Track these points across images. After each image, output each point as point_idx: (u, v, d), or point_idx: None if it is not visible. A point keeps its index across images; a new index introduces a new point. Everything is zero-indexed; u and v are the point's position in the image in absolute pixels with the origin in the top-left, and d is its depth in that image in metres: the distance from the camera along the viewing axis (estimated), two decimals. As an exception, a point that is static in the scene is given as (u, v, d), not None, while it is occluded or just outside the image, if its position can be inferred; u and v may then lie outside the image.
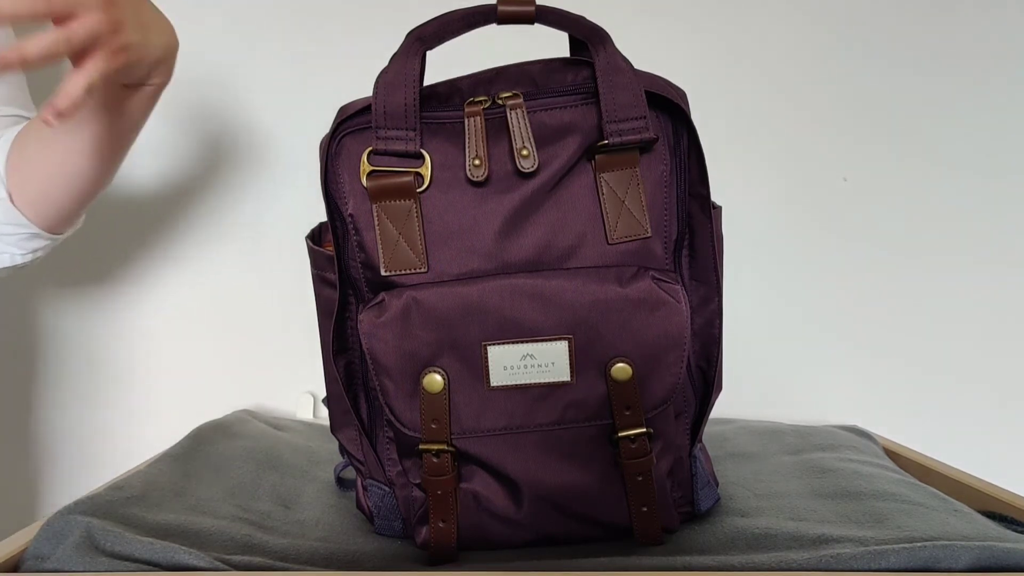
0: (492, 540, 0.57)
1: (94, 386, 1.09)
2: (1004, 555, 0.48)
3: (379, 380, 0.54)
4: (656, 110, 0.55)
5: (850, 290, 1.08)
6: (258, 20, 1.07)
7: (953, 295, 1.08)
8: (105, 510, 0.56)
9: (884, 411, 1.09)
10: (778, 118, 1.08)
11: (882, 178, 1.08)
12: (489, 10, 0.54)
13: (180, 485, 0.67)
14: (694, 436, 0.60)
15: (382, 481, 0.61)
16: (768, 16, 1.07)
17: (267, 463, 0.77)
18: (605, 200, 0.54)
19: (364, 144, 0.54)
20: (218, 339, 1.08)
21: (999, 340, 1.08)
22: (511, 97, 0.54)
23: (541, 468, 0.54)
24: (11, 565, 0.50)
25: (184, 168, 1.08)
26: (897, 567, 0.48)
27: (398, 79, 0.53)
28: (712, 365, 0.59)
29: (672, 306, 0.52)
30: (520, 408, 0.53)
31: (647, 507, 0.56)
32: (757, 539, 0.56)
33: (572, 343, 0.52)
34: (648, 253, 0.55)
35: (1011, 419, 1.08)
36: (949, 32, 1.07)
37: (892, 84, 1.07)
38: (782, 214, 1.08)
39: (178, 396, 1.09)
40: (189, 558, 0.49)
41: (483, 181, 0.53)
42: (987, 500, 0.65)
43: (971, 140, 1.07)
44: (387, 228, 0.54)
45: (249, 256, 1.08)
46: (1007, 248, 1.07)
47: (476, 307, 0.52)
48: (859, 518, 0.59)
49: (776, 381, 1.09)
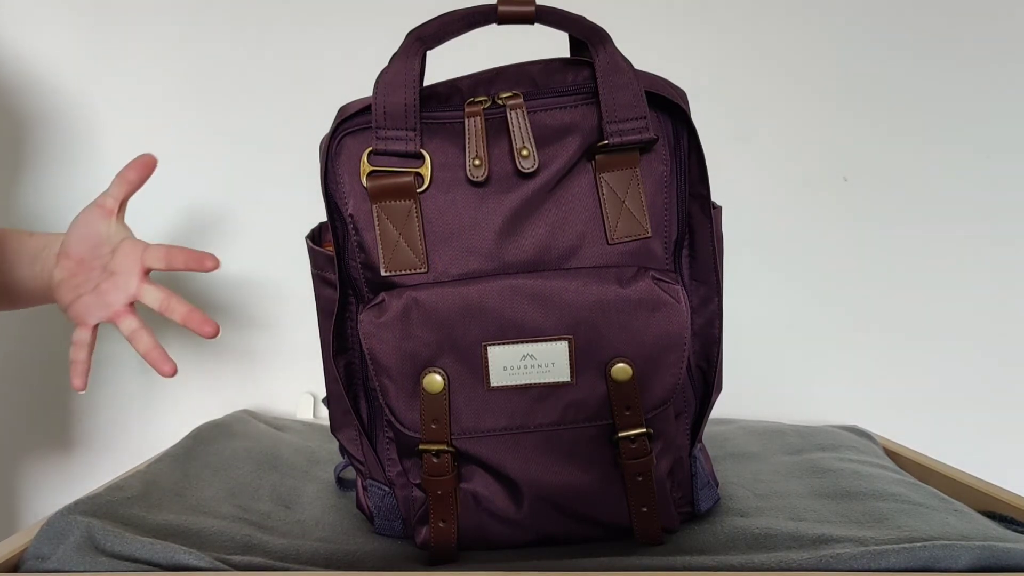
0: (492, 540, 0.57)
1: (94, 386, 1.09)
2: (1004, 555, 0.48)
3: (379, 380, 0.54)
4: (656, 110, 0.55)
5: (850, 290, 1.08)
6: (258, 20, 1.07)
7: (953, 295, 1.08)
8: (105, 510, 0.56)
9: (884, 411, 1.09)
10: (778, 117, 1.08)
11: (882, 178, 1.08)
12: (489, 10, 0.54)
13: (180, 485, 0.67)
14: (694, 436, 0.60)
15: (382, 481, 0.61)
16: (768, 16, 1.07)
17: (267, 463, 0.77)
18: (605, 200, 0.54)
19: (364, 144, 0.54)
20: (218, 339, 1.08)
21: (999, 340, 1.08)
22: (511, 97, 0.54)
23: (541, 468, 0.54)
24: (11, 565, 0.50)
25: (184, 168, 1.08)
26: (897, 567, 0.48)
27: (398, 79, 0.53)
28: (712, 365, 0.59)
29: (672, 306, 0.52)
30: (520, 408, 0.53)
31: (647, 507, 0.56)
32: (757, 539, 0.56)
33: (572, 343, 0.52)
34: (648, 253, 0.55)
35: (1011, 419, 1.08)
36: (950, 31, 1.07)
37: (892, 84, 1.07)
38: (782, 214, 1.08)
39: (178, 396, 1.09)
40: (189, 558, 0.49)
41: (483, 181, 0.53)
42: (987, 500, 0.65)
43: (972, 141, 1.07)
44: (387, 228, 0.54)
45: (249, 256, 1.08)
46: (1008, 248, 1.07)
47: (476, 307, 0.52)
48: (859, 518, 0.59)
49: (776, 381, 1.09)
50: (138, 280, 0.68)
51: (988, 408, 1.08)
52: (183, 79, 1.07)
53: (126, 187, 0.69)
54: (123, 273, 0.67)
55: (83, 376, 0.68)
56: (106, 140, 1.06)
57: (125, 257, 0.68)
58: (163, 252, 0.68)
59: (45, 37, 1.05)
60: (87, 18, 1.06)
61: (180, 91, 1.07)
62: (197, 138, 1.07)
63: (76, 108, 1.06)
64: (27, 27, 1.05)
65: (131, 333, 0.68)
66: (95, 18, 1.06)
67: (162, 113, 1.07)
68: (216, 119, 1.07)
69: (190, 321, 0.67)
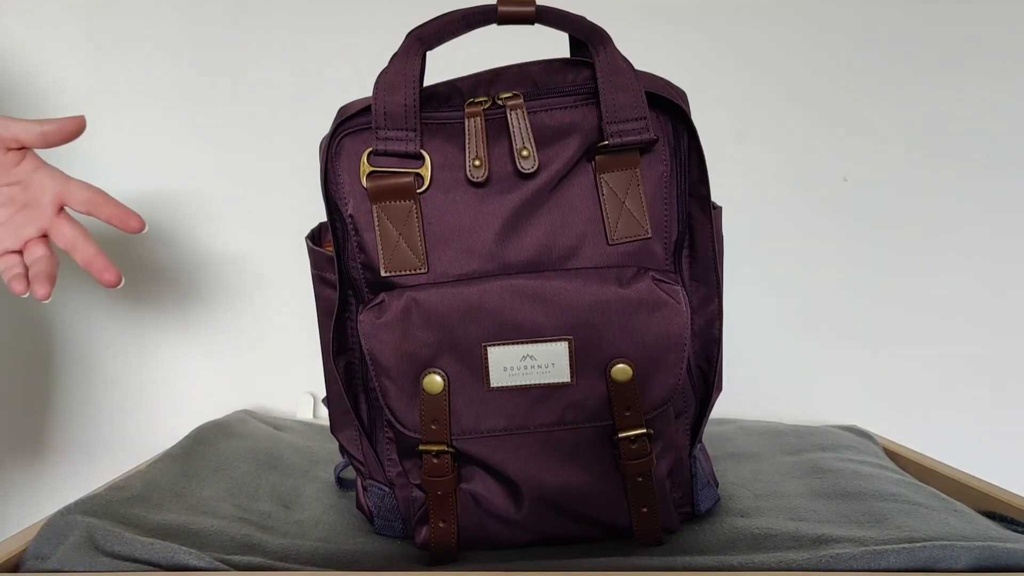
0: (492, 540, 0.57)
1: (94, 386, 1.09)
2: (1004, 555, 0.48)
3: (379, 381, 0.54)
4: (656, 110, 0.55)
5: (850, 290, 1.08)
6: (258, 19, 1.07)
7: (953, 295, 1.08)
8: (105, 510, 0.56)
9: (884, 411, 1.09)
10: (778, 118, 1.08)
11: (882, 178, 1.08)
12: (489, 10, 0.54)
13: (180, 485, 0.67)
14: (694, 436, 0.60)
15: (382, 481, 0.61)
16: (769, 16, 1.07)
17: (267, 463, 0.77)
18: (605, 201, 0.54)
19: (364, 144, 0.54)
20: (218, 339, 1.08)
21: (1000, 340, 1.08)
22: (511, 98, 0.54)
23: (541, 469, 0.54)
24: (11, 565, 0.50)
25: (183, 168, 1.07)
26: (897, 567, 0.48)
27: (398, 79, 0.53)
28: (712, 365, 0.59)
29: (672, 307, 0.52)
30: (520, 409, 0.53)
31: (647, 507, 0.56)
32: (757, 539, 0.56)
33: (572, 344, 0.52)
34: (648, 254, 0.55)
35: (1011, 419, 1.08)
36: (950, 31, 1.07)
37: (893, 84, 1.07)
38: (782, 214, 1.08)
39: (178, 396, 1.09)
40: (189, 558, 0.50)
41: (483, 182, 0.53)
42: (987, 500, 0.65)
43: (972, 139, 1.07)
44: (387, 229, 0.54)
45: (249, 256, 1.08)
46: (1008, 247, 1.07)
47: (476, 308, 0.52)
48: (859, 518, 0.59)
49: (776, 381, 1.09)
50: (52, 213, 0.65)
51: (988, 408, 1.08)
52: (182, 78, 1.07)
53: (39, 140, 0.64)
54: (35, 206, 0.64)
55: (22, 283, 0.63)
56: (107, 139, 1.06)
57: (39, 189, 0.64)
58: (87, 195, 0.65)
59: (44, 36, 1.05)
60: (87, 17, 1.06)
61: (179, 90, 1.07)
62: (196, 138, 1.07)
63: (76, 108, 1.06)
64: (27, 27, 1.05)
65: (69, 245, 0.65)
66: (95, 17, 1.06)
67: (162, 113, 1.07)
68: (216, 119, 1.07)
69: (92, 265, 0.64)
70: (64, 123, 0.64)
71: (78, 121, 0.64)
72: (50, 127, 0.63)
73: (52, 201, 0.65)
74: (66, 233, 0.65)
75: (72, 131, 0.64)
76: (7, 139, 0.62)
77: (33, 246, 0.65)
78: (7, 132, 0.62)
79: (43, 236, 0.66)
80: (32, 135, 0.63)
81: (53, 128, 0.63)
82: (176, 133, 1.07)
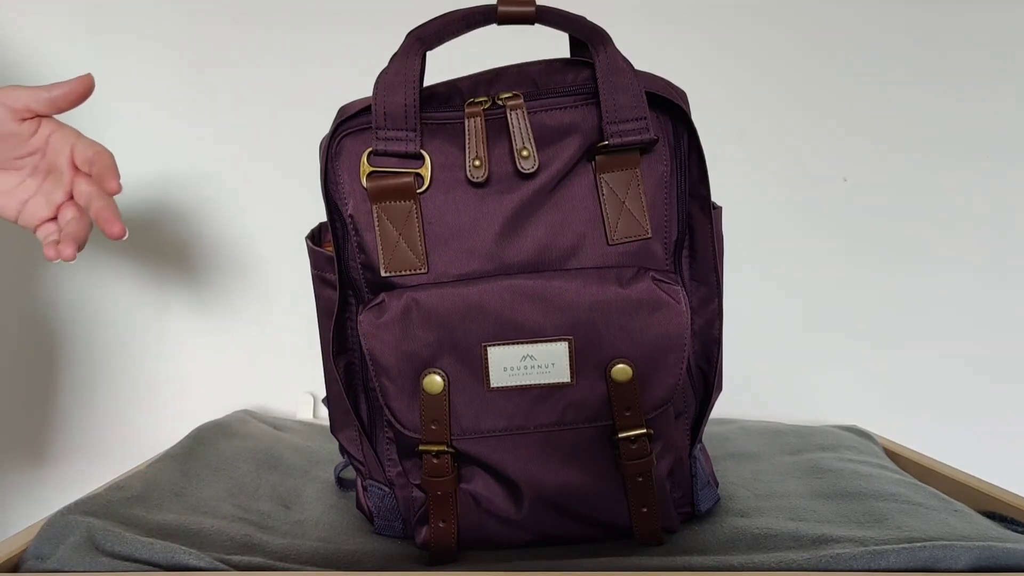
0: (492, 540, 0.57)
1: (94, 386, 1.09)
2: (1004, 555, 0.48)
3: (379, 381, 0.54)
4: (656, 111, 0.55)
5: (850, 290, 1.08)
6: (258, 20, 1.07)
7: (953, 295, 1.08)
8: (105, 510, 0.56)
9: (884, 411, 1.09)
10: (778, 118, 1.08)
11: (882, 178, 1.08)
12: (489, 10, 0.54)
13: (180, 485, 0.67)
14: (694, 437, 0.60)
15: (382, 481, 0.61)
16: (769, 16, 1.07)
17: (267, 463, 0.77)
18: (605, 201, 0.54)
19: (364, 145, 0.54)
20: (218, 339, 1.08)
21: (999, 340, 1.08)
22: (511, 98, 0.54)
23: (541, 469, 0.54)
24: (11, 565, 0.50)
25: (183, 167, 1.08)
26: (897, 567, 0.48)
27: (398, 79, 0.53)
28: (712, 366, 0.59)
29: (672, 307, 0.52)
30: (520, 409, 0.53)
31: (647, 507, 0.56)
32: (757, 539, 0.56)
33: (572, 344, 0.52)
34: (648, 254, 0.55)
35: (1011, 419, 1.08)
36: (950, 31, 1.07)
37: (893, 84, 1.07)
38: (782, 214, 1.08)
39: (178, 396, 1.09)
40: (189, 558, 0.50)
41: (483, 182, 0.53)
42: (987, 500, 0.65)
43: (972, 139, 1.07)
44: (387, 229, 0.54)
45: (249, 256, 1.08)
46: (1008, 247, 1.07)
47: (476, 308, 0.52)
48: (859, 518, 0.59)
49: (776, 381, 1.09)
50: (71, 173, 0.65)
51: (988, 408, 1.08)
52: (183, 78, 1.07)
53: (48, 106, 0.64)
54: (57, 170, 0.65)
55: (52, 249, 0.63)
56: (107, 139, 1.06)
57: (55, 153, 0.65)
58: (90, 153, 0.65)
59: (45, 36, 1.05)
60: (87, 17, 1.06)
61: (179, 90, 1.07)
62: (196, 138, 1.07)
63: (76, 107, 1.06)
64: (27, 27, 1.05)
65: (85, 202, 0.65)
66: (96, 17, 1.06)
67: (161, 113, 1.07)
68: (216, 119, 1.07)
69: (100, 215, 0.64)
70: (71, 85, 0.63)
71: (85, 81, 0.64)
72: (58, 91, 0.63)
73: (67, 162, 0.65)
74: (83, 191, 0.65)
75: (80, 92, 0.64)
76: (19, 110, 0.62)
77: (64, 209, 0.66)
78: (18, 103, 0.62)
79: (71, 197, 0.66)
80: (41, 102, 0.63)
81: (61, 92, 0.63)
82: (175, 133, 1.07)
